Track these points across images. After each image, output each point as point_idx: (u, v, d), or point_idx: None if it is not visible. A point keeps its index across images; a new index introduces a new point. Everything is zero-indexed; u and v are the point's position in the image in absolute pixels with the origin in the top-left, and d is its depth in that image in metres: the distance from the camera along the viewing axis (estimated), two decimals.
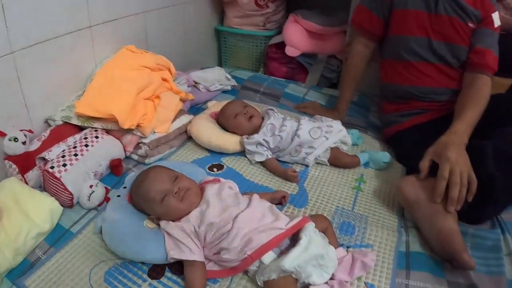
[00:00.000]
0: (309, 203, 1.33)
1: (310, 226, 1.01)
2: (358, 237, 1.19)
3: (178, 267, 1.05)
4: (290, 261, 0.91)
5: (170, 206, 1.05)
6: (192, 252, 1.00)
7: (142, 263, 1.07)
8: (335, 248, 1.04)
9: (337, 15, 2.38)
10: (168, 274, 1.06)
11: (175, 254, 1.00)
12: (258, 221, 1.02)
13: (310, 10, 2.42)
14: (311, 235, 0.97)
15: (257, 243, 0.97)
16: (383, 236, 1.19)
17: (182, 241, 1.01)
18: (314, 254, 0.93)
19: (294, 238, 1.01)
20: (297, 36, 2.35)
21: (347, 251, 1.10)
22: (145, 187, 1.08)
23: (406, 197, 1.23)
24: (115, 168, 1.43)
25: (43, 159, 1.30)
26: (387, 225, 1.25)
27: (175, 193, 1.06)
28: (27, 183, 1.30)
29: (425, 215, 1.17)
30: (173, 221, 1.06)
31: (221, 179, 1.21)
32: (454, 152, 1.16)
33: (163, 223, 1.06)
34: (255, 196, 1.12)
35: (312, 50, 2.38)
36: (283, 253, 0.98)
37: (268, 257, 0.97)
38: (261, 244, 0.97)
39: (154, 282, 1.03)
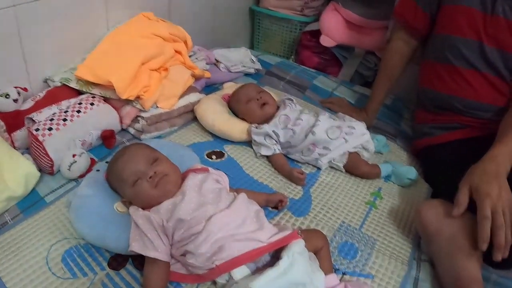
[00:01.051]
0: (311, 213, 1.16)
1: (297, 245, 0.84)
2: (359, 264, 1.01)
3: (142, 261, 0.92)
4: (261, 284, 0.74)
5: (141, 191, 0.91)
6: (155, 249, 0.85)
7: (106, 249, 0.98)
8: (327, 273, 0.87)
9: (381, 7, 2.15)
10: (129, 266, 0.95)
11: (136, 247, 0.87)
12: (236, 227, 0.85)
13: (352, 0, 2.21)
14: (294, 257, 0.80)
15: (229, 253, 0.81)
16: (389, 268, 1.01)
17: (147, 234, 0.86)
18: (293, 281, 0.77)
19: (276, 255, 0.85)
20: (334, 26, 2.16)
21: (341, 278, 0.93)
22: (119, 165, 0.95)
23: (426, 225, 1.04)
24: (107, 140, 1.32)
25: (32, 119, 1.22)
26: (397, 254, 1.07)
27: (150, 178, 0.91)
28: (13, 143, 1.23)
29: (445, 251, 0.97)
30: (143, 208, 0.92)
31: (210, 169, 1.05)
32: (495, 186, 0.94)
33: (132, 209, 0.93)
34: (242, 196, 0.95)
35: (349, 42, 2.19)
36: (259, 270, 0.82)
37: (240, 272, 0.81)
38: (233, 255, 0.80)
39: (112, 273, 0.93)
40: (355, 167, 1.33)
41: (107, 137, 1.31)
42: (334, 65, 2.28)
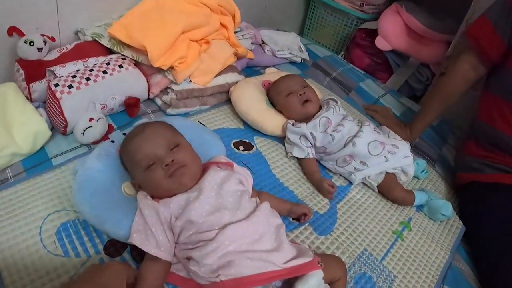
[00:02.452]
0: (333, 233, 1.05)
1: (315, 277, 0.73)
2: None
3: (142, 251, 0.82)
4: None
5: (153, 178, 0.81)
6: (158, 246, 0.76)
7: None
8: None
9: (446, 20, 1.99)
10: (126, 255, 0.86)
11: (137, 239, 0.77)
12: (252, 243, 0.75)
13: (417, 5, 2.05)
14: None
15: (237, 271, 0.71)
16: None
17: (151, 228, 0.77)
18: None
19: (290, 281, 0.75)
20: (393, 29, 2.01)
21: None
22: (135, 144, 0.85)
23: None
24: (130, 108, 1.23)
25: (53, 73, 1.14)
26: None
27: (166, 165, 0.81)
28: (30, 94, 1.15)
29: None
30: (153, 197, 0.83)
31: (235, 165, 0.94)
32: None
33: (140, 195, 0.84)
34: (265, 206, 0.84)
35: (405, 50, 2.04)
36: None
37: None
38: (241, 275, 0.70)
39: (106, 259, 0.85)
40: (389, 189, 1.21)
41: (131, 105, 1.22)
42: (384, 71, 2.15)
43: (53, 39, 1.23)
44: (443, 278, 1.05)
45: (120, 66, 1.20)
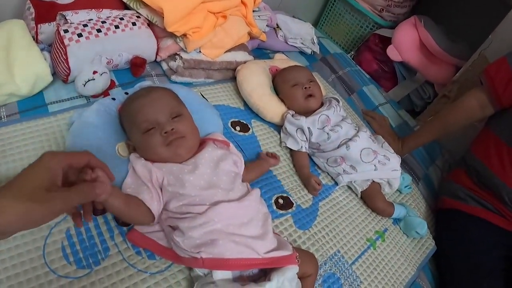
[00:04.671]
0: (312, 229, 1.07)
1: (291, 272, 0.75)
2: None
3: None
4: None
5: (149, 143, 0.81)
6: (152, 199, 0.76)
7: None
8: None
9: (460, 44, 2.00)
10: (108, 216, 0.85)
11: (129, 191, 0.78)
12: (239, 226, 0.76)
13: (436, 23, 2.04)
14: (284, 284, 0.72)
15: (220, 252, 0.72)
16: None
17: (146, 184, 0.78)
18: None
19: (265, 270, 0.77)
20: (407, 42, 2.01)
21: None
22: (137, 106, 0.85)
23: None
24: (135, 67, 1.21)
25: (65, 18, 1.11)
26: None
27: (165, 133, 0.81)
28: (37, 35, 1.11)
29: None
30: (146, 160, 0.83)
31: (231, 146, 0.95)
32: None
33: (133, 156, 0.84)
34: (256, 192, 0.85)
35: (414, 64, 2.04)
36: (242, 279, 0.74)
37: (222, 274, 0.73)
38: (223, 256, 0.72)
39: None
40: (372, 198, 1.23)
41: (137, 65, 1.20)
42: (389, 79, 2.15)
43: None
44: None
45: (134, 24, 1.17)
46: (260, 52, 1.68)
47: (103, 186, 0.61)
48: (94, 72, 1.04)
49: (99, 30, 1.09)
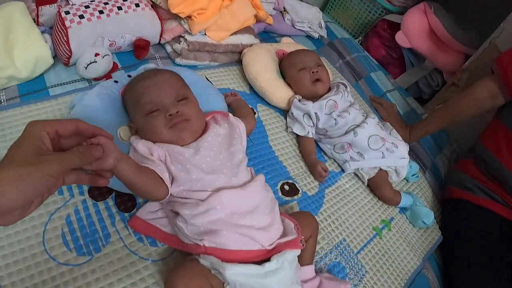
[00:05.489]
0: (317, 216, 1.05)
1: (291, 254, 0.73)
2: None
3: (125, 201, 0.82)
4: (236, 272, 0.66)
5: (152, 125, 0.79)
6: (162, 171, 0.72)
7: None
8: (306, 264, 0.82)
9: (470, 32, 1.95)
10: (110, 201, 0.84)
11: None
12: (244, 215, 0.73)
13: (446, 10, 2.00)
14: (283, 265, 0.70)
15: (223, 242, 0.70)
16: None
17: (149, 158, 0.74)
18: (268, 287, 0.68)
19: None
20: (416, 28, 1.96)
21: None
22: (142, 87, 0.82)
23: None
24: (138, 50, 1.18)
25: None
26: None
27: (169, 115, 0.79)
28: (38, 17, 1.08)
29: None
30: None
31: (230, 115, 0.92)
32: None
33: (133, 138, 0.81)
34: (261, 178, 0.82)
35: (423, 51, 2.00)
36: None
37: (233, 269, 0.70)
38: (226, 247, 0.70)
39: (90, 202, 0.83)
40: (379, 186, 1.20)
41: (140, 47, 1.16)
42: (397, 66, 2.11)
43: None
44: (410, 283, 1.07)
45: (137, 5, 1.14)
46: (267, 35, 1.64)
47: (100, 150, 0.57)
48: (96, 55, 1.01)
49: (101, 12, 1.06)
